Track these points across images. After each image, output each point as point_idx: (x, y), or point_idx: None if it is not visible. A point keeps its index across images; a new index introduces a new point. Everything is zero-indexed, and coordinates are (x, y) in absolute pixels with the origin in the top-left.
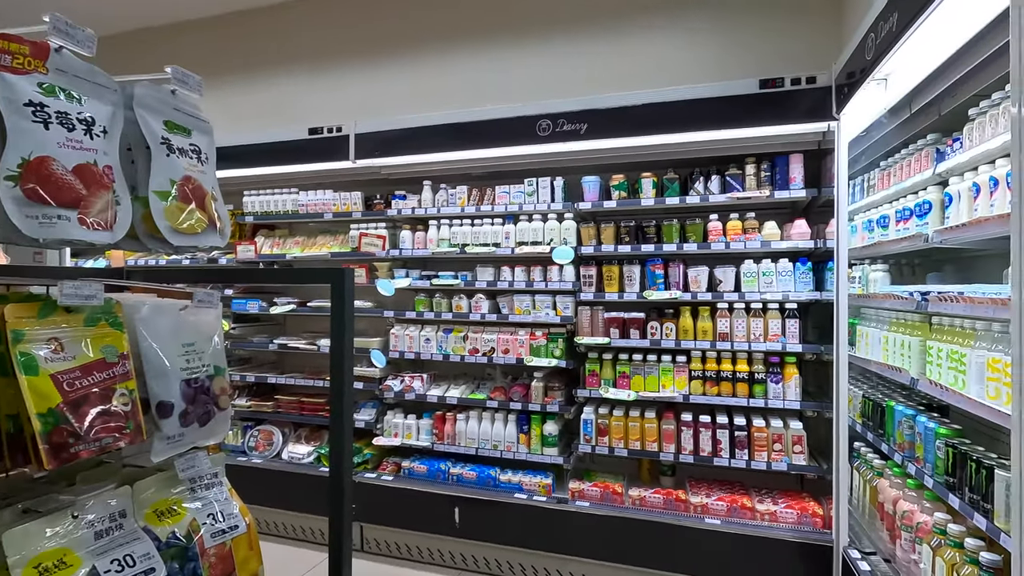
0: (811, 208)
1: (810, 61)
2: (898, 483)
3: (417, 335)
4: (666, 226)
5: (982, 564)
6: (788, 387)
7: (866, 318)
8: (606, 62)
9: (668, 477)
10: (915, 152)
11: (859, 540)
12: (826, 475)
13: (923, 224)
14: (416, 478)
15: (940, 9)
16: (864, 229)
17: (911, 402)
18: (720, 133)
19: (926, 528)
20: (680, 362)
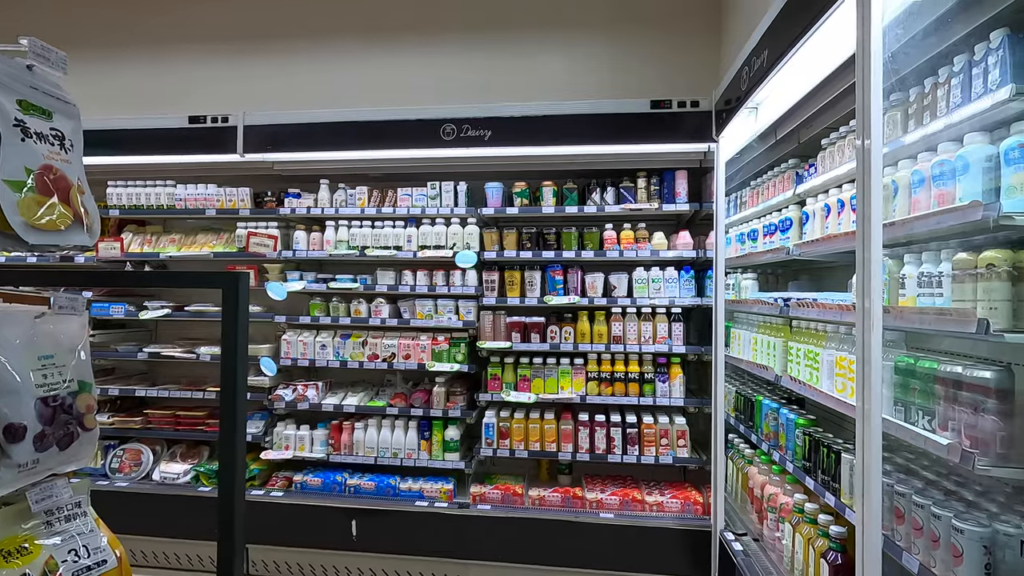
0: (694, 221)
1: (694, 86)
2: (765, 469)
3: (312, 341)
4: (565, 233)
5: (831, 536)
6: (674, 386)
7: (739, 321)
8: (510, 72)
9: (566, 475)
10: (779, 174)
11: (733, 523)
12: (706, 466)
13: (785, 238)
14: (310, 492)
15: (803, 50)
16: (737, 241)
17: (776, 396)
18: (615, 148)
19: (788, 508)
20: (578, 364)
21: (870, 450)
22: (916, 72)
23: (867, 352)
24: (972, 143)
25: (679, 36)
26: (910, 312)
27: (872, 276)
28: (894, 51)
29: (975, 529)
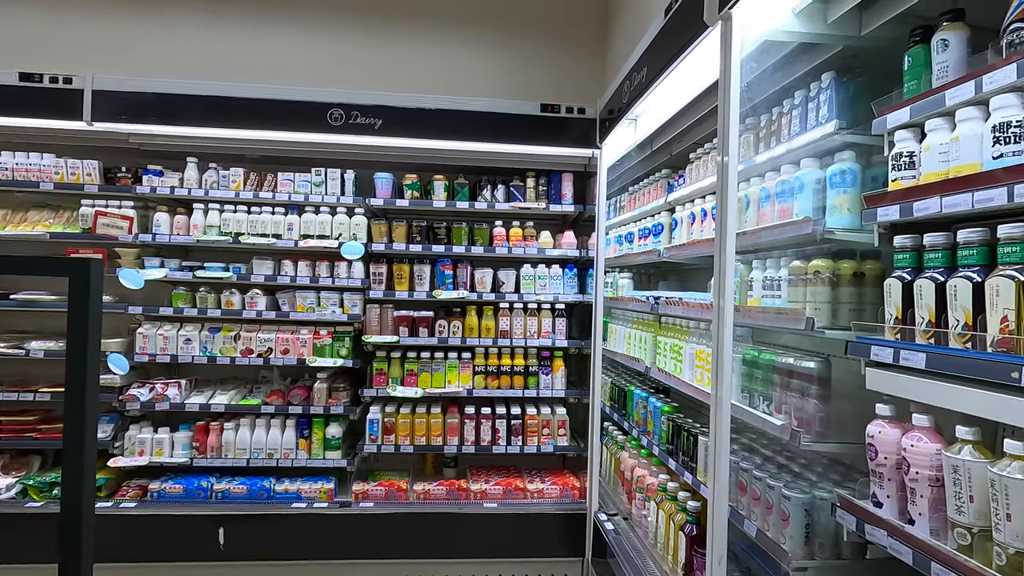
0: (578, 221)
1: (582, 94)
2: (635, 454)
3: (174, 335)
4: (456, 228)
5: (688, 511)
6: (556, 378)
7: (616, 317)
8: (404, 62)
9: (451, 468)
10: (653, 182)
11: (606, 504)
12: (583, 452)
13: (657, 242)
14: (169, 500)
15: (676, 71)
16: (616, 242)
17: (646, 386)
18: (506, 147)
19: (653, 488)
20: (465, 358)
21: (720, 432)
22: (766, 101)
23: (720, 345)
24: (806, 167)
25: (570, 45)
26: (756, 311)
27: (726, 278)
28: (749, 81)
29: (799, 496)
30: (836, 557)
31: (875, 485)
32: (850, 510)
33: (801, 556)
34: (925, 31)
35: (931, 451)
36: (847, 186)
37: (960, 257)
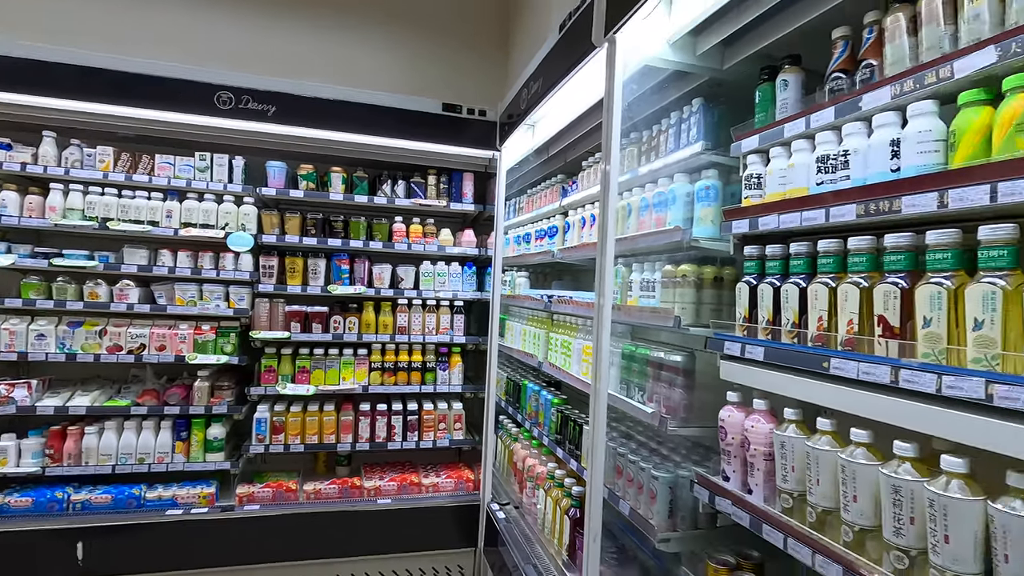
0: (478, 220)
1: (484, 96)
2: (527, 445)
3: (23, 329)
4: (354, 222)
5: (573, 495)
6: (453, 373)
7: (513, 314)
8: (304, 50)
9: (344, 467)
10: (550, 186)
11: (499, 495)
12: (478, 445)
13: (552, 243)
14: (14, 515)
15: (569, 85)
16: (515, 242)
17: (539, 380)
18: (407, 143)
19: (542, 476)
20: (361, 355)
21: (598, 418)
22: (648, 119)
23: (599, 340)
24: (679, 181)
25: (474, 48)
26: (635, 310)
27: (606, 279)
28: (632, 100)
29: (665, 475)
30: (694, 528)
31: (724, 462)
32: (704, 485)
33: (665, 529)
34: (772, 71)
35: (766, 431)
36: (711, 200)
37: (791, 266)
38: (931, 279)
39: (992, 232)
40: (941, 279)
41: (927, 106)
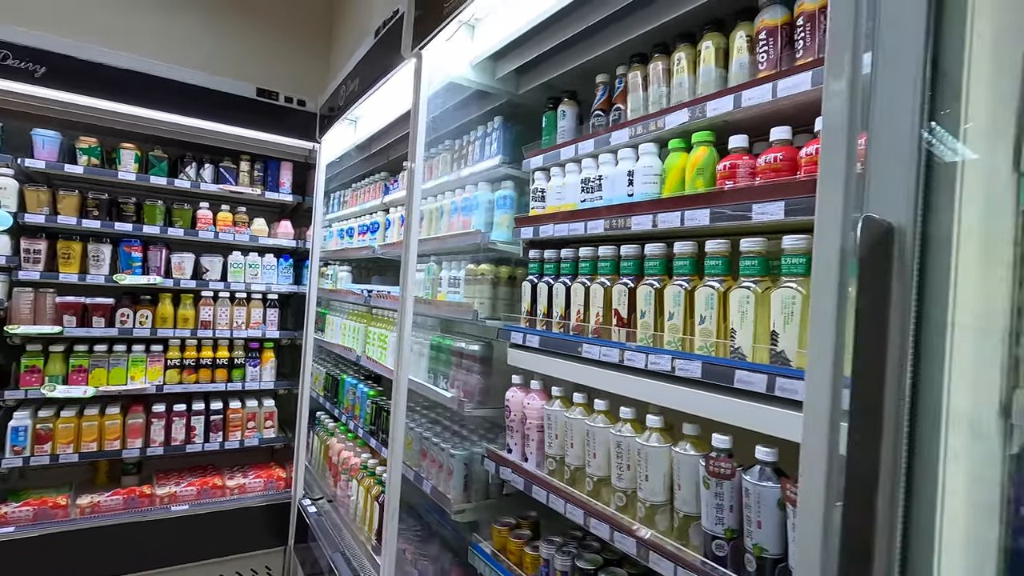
0: (298, 212)
1: (309, 86)
2: (343, 438)
3: None
4: (149, 206)
5: (383, 482)
6: (265, 369)
7: (334, 309)
8: (96, 11)
9: (133, 475)
10: (373, 182)
11: (313, 491)
12: (291, 443)
13: (373, 239)
14: None
15: (384, 89)
16: (339, 235)
17: (358, 374)
18: (214, 125)
19: (356, 467)
20: (156, 351)
21: (399, 401)
22: (459, 128)
23: (402, 330)
24: (482, 189)
25: (298, 38)
26: (443, 304)
27: (409, 274)
28: (443, 111)
29: (460, 453)
30: (486, 498)
31: (508, 437)
32: (492, 458)
33: (461, 501)
34: (556, 100)
35: (539, 407)
36: (507, 208)
37: (561, 268)
38: (646, 281)
39: (682, 247)
40: (653, 280)
41: (650, 147)
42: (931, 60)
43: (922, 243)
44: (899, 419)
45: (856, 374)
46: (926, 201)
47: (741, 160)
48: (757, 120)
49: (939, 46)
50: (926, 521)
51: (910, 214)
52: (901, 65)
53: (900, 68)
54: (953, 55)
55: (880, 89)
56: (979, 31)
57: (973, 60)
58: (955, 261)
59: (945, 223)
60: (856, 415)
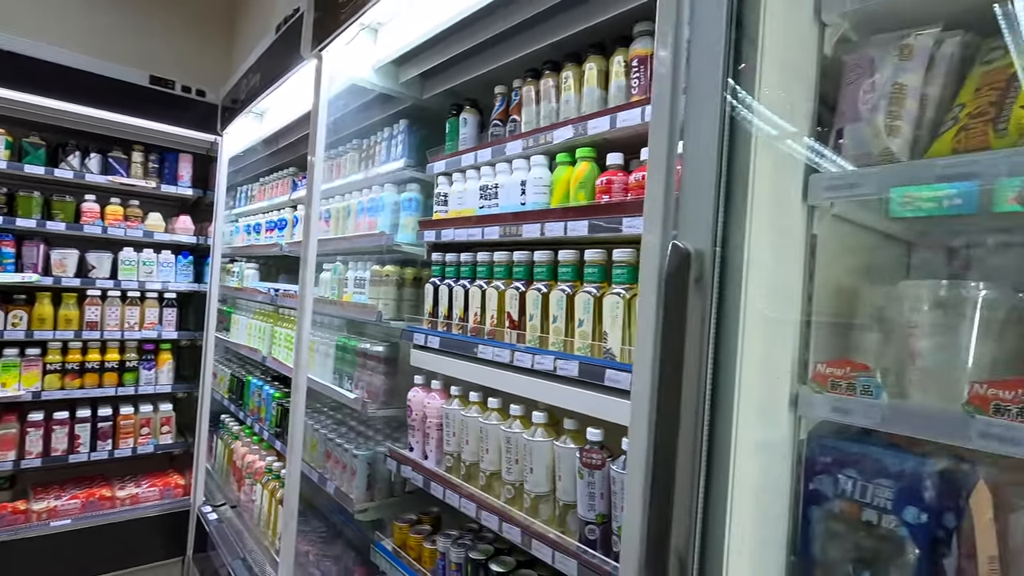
0: (199, 206)
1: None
2: (248, 442)
3: None
4: (23, 197)
5: None
6: (162, 372)
7: (240, 308)
8: None
9: (6, 490)
10: (281, 178)
11: (215, 497)
12: (191, 448)
13: (280, 236)
14: None
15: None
16: (246, 231)
17: (264, 376)
18: (99, 112)
19: (261, 471)
20: (32, 355)
21: (298, 400)
22: (366, 128)
23: (301, 328)
24: (388, 190)
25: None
26: (348, 304)
27: (308, 272)
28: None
29: (363, 453)
30: (390, 496)
31: (410, 436)
32: (394, 457)
33: (364, 500)
34: (459, 107)
35: (439, 405)
36: (413, 210)
37: (461, 272)
38: (534, 285)
39: (564, 255)
40: (540, 285)
41: (541, 160)
42: (728, 116)
43: (721, 263)
44: (699, 408)
45: (660, 377)
46: (725, 227)
47: (616, 176)
48: (633, 139)
49: (735, 97)
50: (720, 494)
51: (709, 240)
52: (704, 120)
53: (704, 120)
54: (744, 111)
55: (691, 133)
56: (768, 82)
57: (757, 116)
58: (746, 278)
59: (739, 248)
60: (660, 408)
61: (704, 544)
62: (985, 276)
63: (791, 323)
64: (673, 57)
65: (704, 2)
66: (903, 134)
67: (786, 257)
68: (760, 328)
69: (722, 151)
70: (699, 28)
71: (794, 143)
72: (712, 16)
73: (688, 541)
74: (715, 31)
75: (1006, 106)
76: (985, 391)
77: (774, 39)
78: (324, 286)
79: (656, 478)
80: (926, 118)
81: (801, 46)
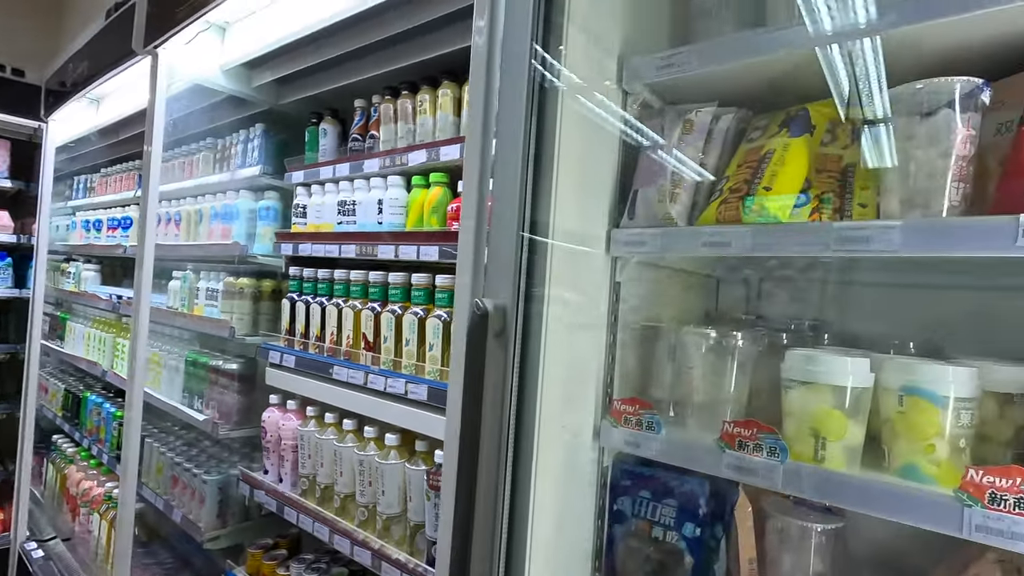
0: (19, 200)
1: (26, 52)
2: (84, 466)
3: None
4: None
5: None
6: None
7: (77, 314)
8: None
9: None
10: (127, 171)
11: (43, 531)
12: (11, 477)
13: (125, 236)
14: None
15: (128, 73)
16: (84, 227)
17: (105, 392)
18: None
19: (99, 499)
20: None
21: (133, 417)
22: (217, 129)
23: (136, 339)
24: (244, 197)
25: None
26: (198, 318)
27: (144, 276)
28: (192, 111)
29: (214, 478)
30: (246, 520)
31: (265, 458)
32: (247, 481)
33: (214, 527)
34: (319, 116)
35: (294, 427)
36: (271, 220)
37: (319, 288)
38: (388, 307)
39: (417, 279)
40: (395, 307)
41: (398, 180)
42: (531, 167)
43: (525, 314)
44: (501, 442)
45: (465, 415)
46: (529, 280)
47: None
48: None
49: (539, 147)
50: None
51: (512, 296)
52: (509, 175)
53: (508, 176)
54: (545, 173)
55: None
56: (566, 153)
57: (559, 185)
58: (546, 327)
59: (541, 299)
60: (464, 441)
61: (508, 563)
62: (772, 303)
63: (596, 361)
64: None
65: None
66: (682, 201)
67: (593, 301)
68: (562, 370)
69: (524, 206)
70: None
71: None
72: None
73: (491, 557)
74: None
75: (754, 184)
76: (732, 429)
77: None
78: (173, 296)
79: (459, 502)
80: (703, 186)
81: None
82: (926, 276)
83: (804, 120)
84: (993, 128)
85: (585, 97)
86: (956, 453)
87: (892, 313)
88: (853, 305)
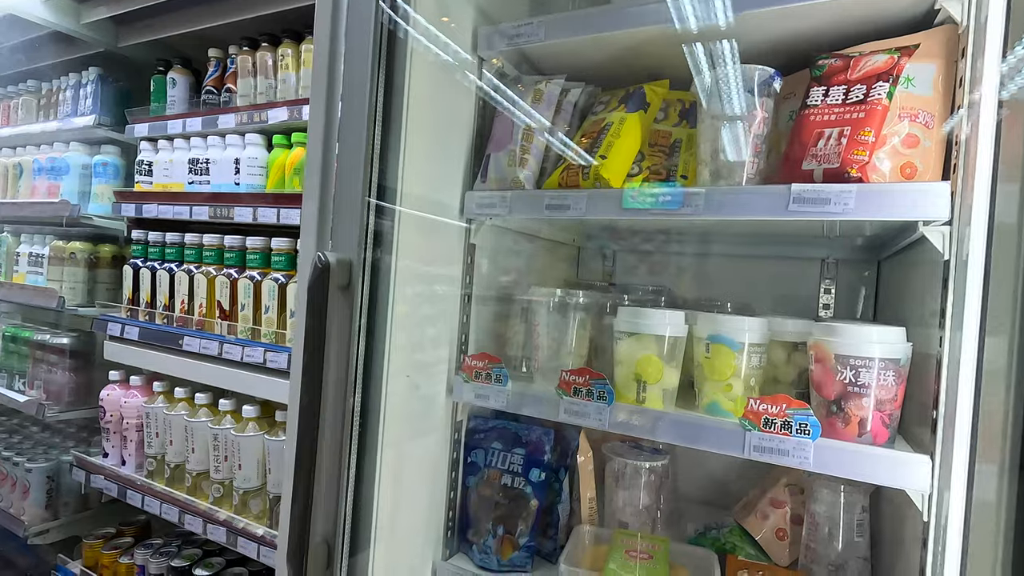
0: None
1: None
2: None
3: None
4: None
5: None
6: None
7: None
8: None
9: None
10: None
11: None
12: None
13: None
14: None
15: None
16: None
17: None
18: None
19: None
20: None
21: None
22: (40, 71)
23: None
24: (75, 150)
25: None
26: (17, 288)
27: None
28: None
29: (41, 466)
30: (84, 510)
31: (105, 440)
32: (82, 466)
33: (42, 520)
34: (167, 64)
35: (139, 404)
36: (109, 177)
37: (166, 254)
38: (246, 273)
39: (279, 243)
40: (254, 273)
41: (256, 138)
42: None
43: (373, 269)
44: (346, 398)
45: (308, 376)
46: (376, 241)
47: None
48: None
49: (385, 144)
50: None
51: (356, 249)
52: (355, 131)
53: (354, 131)
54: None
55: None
56: (412, 146)
57: (410, 146)
58: (394, 282)
59: (388, 254)
60: (305, 405)
61: (356, 519)
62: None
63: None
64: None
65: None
66: (530, 166)
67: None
68: (414, 328)
69: (371, 161)
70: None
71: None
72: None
73: (335, 520)
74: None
75: (593, 153)
76: (568, 377)
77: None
78: None
79: (300, 459)
80: (552, 154)
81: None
82: (750, 248)
83: (640, 97)
84: (786, 115)
85: (439, 64)
86: (748, 390)
87: (723, 281)
88: (697, 274)
